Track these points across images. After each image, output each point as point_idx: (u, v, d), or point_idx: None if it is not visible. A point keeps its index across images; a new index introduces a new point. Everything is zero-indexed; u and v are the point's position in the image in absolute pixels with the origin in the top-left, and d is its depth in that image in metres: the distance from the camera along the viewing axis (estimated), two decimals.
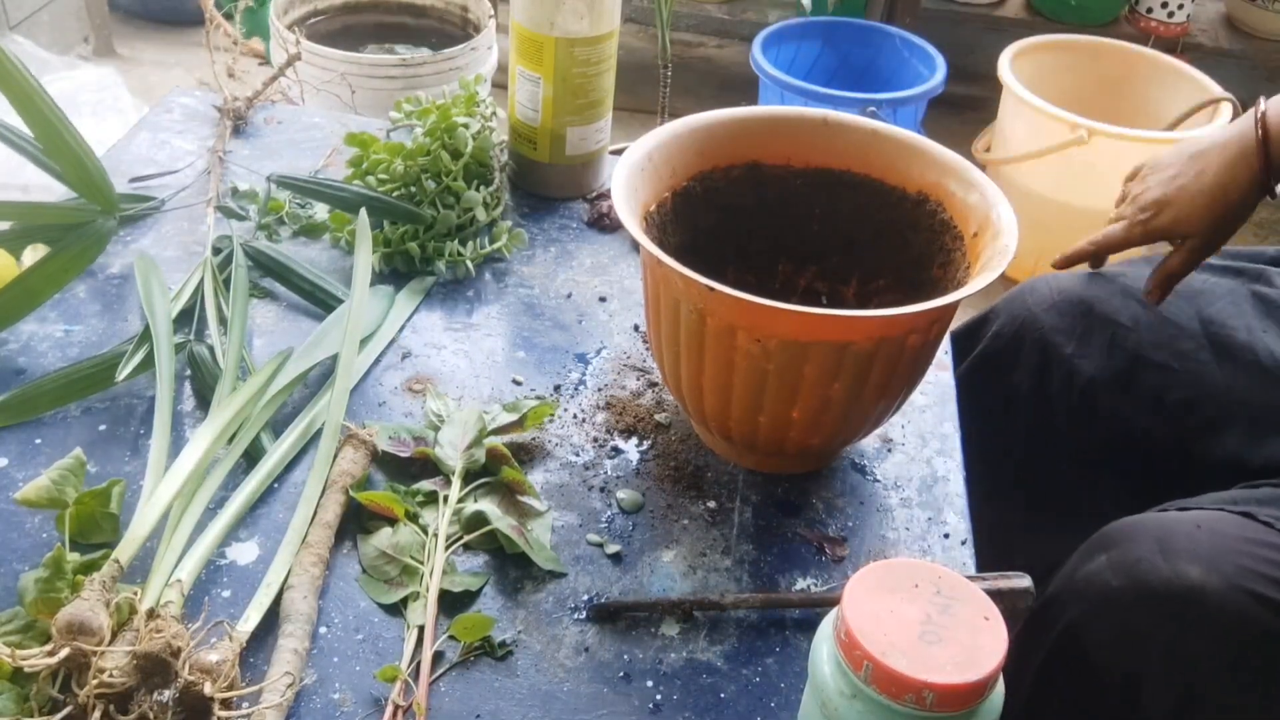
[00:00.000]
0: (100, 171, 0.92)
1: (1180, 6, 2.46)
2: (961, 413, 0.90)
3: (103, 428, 0.81)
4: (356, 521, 0.75)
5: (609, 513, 0.79)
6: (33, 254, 0.93)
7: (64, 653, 0.59)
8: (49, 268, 0.88)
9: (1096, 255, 1.01)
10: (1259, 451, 0.89)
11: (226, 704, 0.60)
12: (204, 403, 0.83)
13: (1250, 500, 0.79)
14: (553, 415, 0.86)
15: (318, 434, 0.80)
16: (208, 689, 0.59)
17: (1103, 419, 0.99)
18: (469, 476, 0.78)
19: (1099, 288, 1.02)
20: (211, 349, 0.86)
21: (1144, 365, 0.97)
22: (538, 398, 0.87)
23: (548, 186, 1.11)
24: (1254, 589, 0.72)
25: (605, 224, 1.08)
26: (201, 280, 0.92)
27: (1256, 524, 0.76)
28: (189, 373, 0.86)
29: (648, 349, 0.94)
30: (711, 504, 0.81)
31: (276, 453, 0.78)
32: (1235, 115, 1.97)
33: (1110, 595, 0.75)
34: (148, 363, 0.82)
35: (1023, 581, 0.72)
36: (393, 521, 0.75)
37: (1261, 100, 0.89)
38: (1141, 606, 0.74)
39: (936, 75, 2.18)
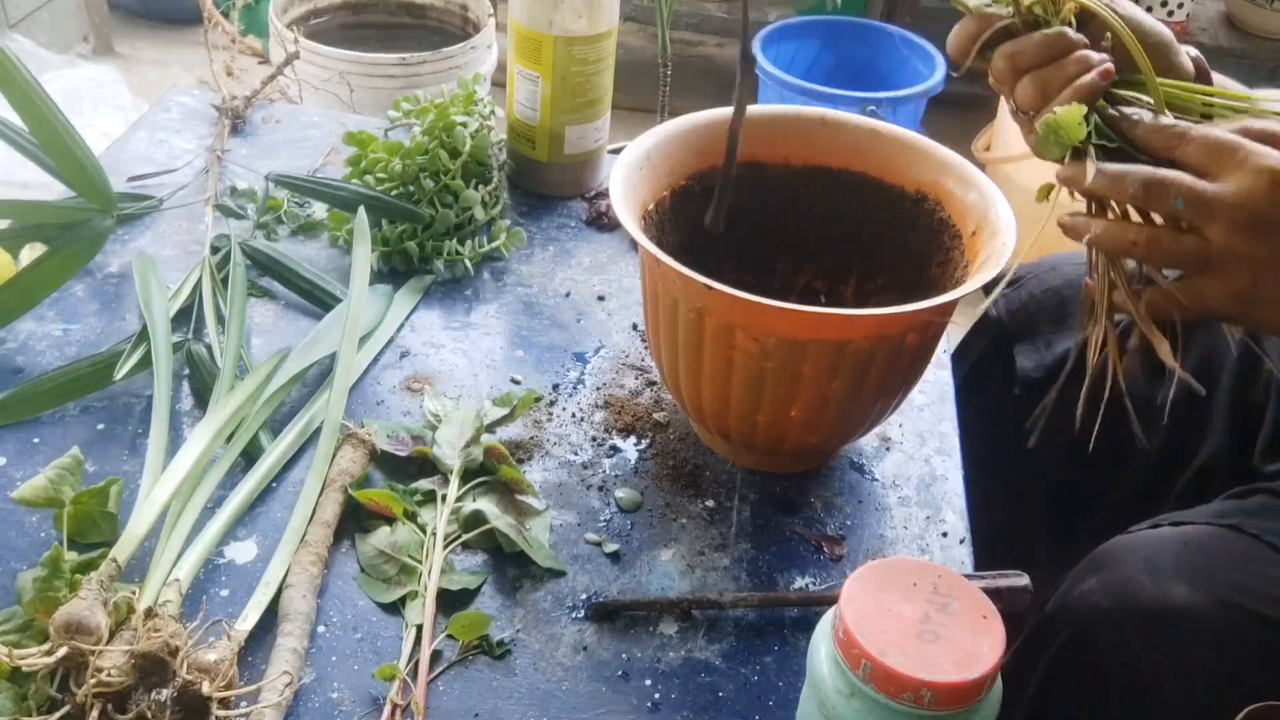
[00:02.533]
0: (98, 170, 0.92)
1: (1180, 5, 2.46)
2: (960, 412, 0.90)
3: (101, 427, 0.81)
4: (355, 520, 0.75)
5: (607, 511, 0.79)
6: (30, 253, 0.93)
7: (62, 652, 0.59)
8: (46, 266, 0.88)
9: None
10: (1259, 458, 0.89)
11: (225, 703, 0.60)
12: (202, 402, 0.83)
13: (1239, 512, 0.79)
14: (549, 407, 0.86)
15: (316, 433, 0.80)
16: (206, 688, 0.59)
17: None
18: (467, 475, 0.78)
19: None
20: (209, 348, 0.86)
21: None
22: (535, 397, 0.87)
23: (546, 185, 1.11)
24: (1241, 604, 0.72)
25: (604, 223, 1.08)
26: (200, 279, 0.92)
27: (1244, 537, 0.76)
28: (187, 372, 0.86)
29: (646, 348, 0.94)
30: (710, 503, 0.81)
31: (275, 451, 0.78)
32: None
33: (1101, 616, 0.76)
34: (146, 362, 0.82)
35: (1021, 580, 0.72)
36: (391, 520, 0.74)
37: None
38: (1131, 626, 0.74)
39: (936, 74, 2.18)
